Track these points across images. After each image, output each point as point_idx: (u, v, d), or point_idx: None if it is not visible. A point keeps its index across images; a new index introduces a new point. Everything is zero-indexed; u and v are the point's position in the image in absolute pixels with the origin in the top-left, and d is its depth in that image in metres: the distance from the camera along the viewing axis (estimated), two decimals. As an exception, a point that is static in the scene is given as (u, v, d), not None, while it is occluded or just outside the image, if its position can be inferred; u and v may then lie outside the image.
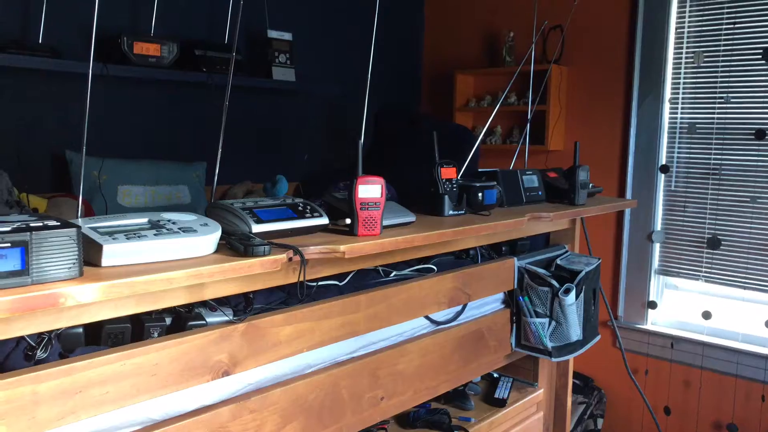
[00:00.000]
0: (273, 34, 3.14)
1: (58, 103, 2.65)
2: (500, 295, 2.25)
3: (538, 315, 2.23)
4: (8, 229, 0.88)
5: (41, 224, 0.92)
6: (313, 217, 1.39)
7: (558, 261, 2.34)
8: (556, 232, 2.54)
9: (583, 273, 2.20)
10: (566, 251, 2.48)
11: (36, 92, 2.61)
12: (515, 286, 2.22)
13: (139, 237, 1.07)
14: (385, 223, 1.47)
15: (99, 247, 1.01)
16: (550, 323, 2.23)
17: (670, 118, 3.27)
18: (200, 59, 2.84)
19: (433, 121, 2.96)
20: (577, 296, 2.19)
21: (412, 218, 1.63)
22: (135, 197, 2.62)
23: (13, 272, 0.88)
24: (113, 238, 1.04)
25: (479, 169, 2.18)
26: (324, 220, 1.42)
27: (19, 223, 0.92)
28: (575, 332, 2.24)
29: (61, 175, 2.66)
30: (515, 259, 2.21)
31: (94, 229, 1.06)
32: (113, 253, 1.03)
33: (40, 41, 2.49)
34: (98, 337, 1.27)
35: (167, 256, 1.10)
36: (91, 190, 2.55)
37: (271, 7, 3.24)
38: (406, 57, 4.22)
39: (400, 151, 2.61)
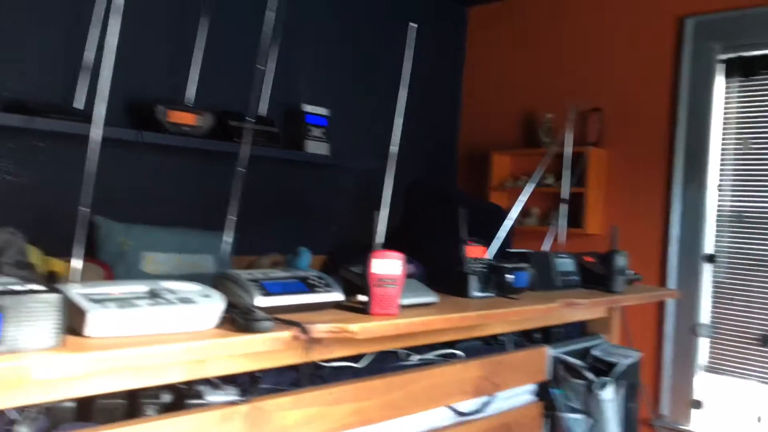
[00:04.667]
0: (307, 108, 3.16)
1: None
2: (531, 387, 2.09)
3: (572, 410, 2.06)
4: (-13, 291, 0.82)
5: (25, 289, 0.86)
6: (325, 291, 1.30)
7: (594, 352, 2.19)
8: (593, 320, 2.39)
9: (621, 366, 2.04)
10: (603, 341, 2.32)
11: (68, 156, 2.64)
12: (548, 378, 2.06)
13: (131, 306, 0.99)
14: (404, 302, 1.37)
15: (83, 315, 0.94)
16: (586, 421, 2.06)
17: (718, 205, 3.13)
18: (234, 130, 2.85)
19: (466, 198, 2.89)
20: (615, 392, 2.03)
21: (433, 298, 1.53)
22: (159, 265, 2.58)
23: (-15, 339, 0.81)
24: (102, 306, 0.97)
25: (508, 250, 2.08)
26: (337, 296, 1.33)
27: (1, 287, 0.85)
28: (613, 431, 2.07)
29: (90, 239, 2.65)
30: (548, 347, 2.06)
31: (86, 295, 0.99)
32: (99, 322, 0.95)
33: (75, 106, 2.54)
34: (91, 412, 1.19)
35: (163, 328, 1.02)
36: (115, 256, 2.52)
37: (309, 82, 3.28)
38: (442, 134, 4.21)
39: (432, 228, 2.53)
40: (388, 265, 1.30)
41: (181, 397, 1.28)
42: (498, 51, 4.10)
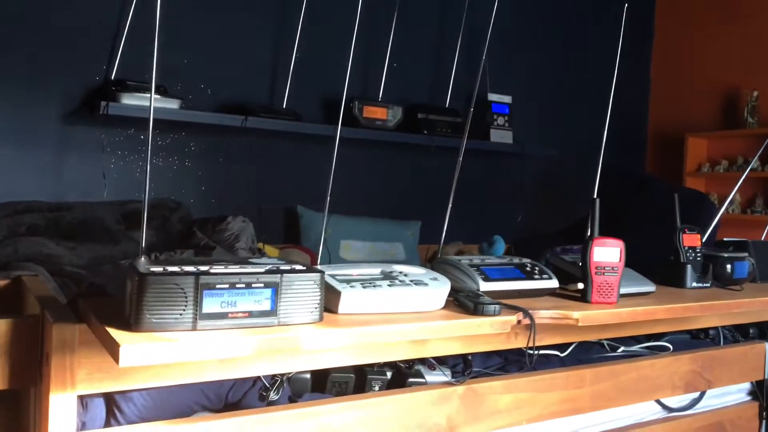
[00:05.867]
0: (493, 97, 3.17)
1: (294, 162, 2.90)
2: (746, 385, 1.94)
3: (793, 414, 1.89)
4: (262, 270, 0.93)
5: (289, 268, 0.96)
6: (542, 279, 1.31)
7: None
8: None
9: None
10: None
11: (277, 152, 2.89)
12: (766, 377, 1.90)
13: (374, 286, 1.08)
14: (621, 291, 1.34)
15: (337, 294, 1.04)
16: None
17: None
18: (422, 122, 2.94)
19: (663, 184, 2.73)
20: None
21: (651, 288, 1.48)
22: (355, 251, 2.74)
23: (264, 312, 0.92)
24: (350, 286, 1.06)
25: (725, 239, 1.94)
26: (554, 283, 1.33)
27: (270, 266, 0.97)
28: None
29: (292, 227, 2.88)
30: (767, 344, 1.90)
31: (333, 276, 1.09)
32: (350, 301, 1.05)
33: (284, 106, 2.76)
34: (322, 385, 1.30)
35: (399, 308, 1.10)
36: (317, 243, 2.72)
37: (492, 71, 3.28)
38: (629, 118, 4.01)
39: (627, 215, 2.43)
40: (608, 253, 1.28)
41: (402, 375, 1.36)
42: (691, 22, 3.81)
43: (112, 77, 2.49)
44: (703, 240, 2.07)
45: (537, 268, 1.36)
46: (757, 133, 3.34)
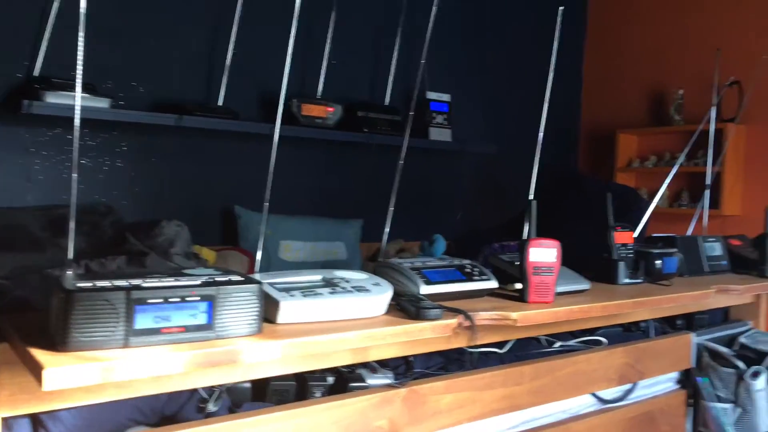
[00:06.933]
0: (432, 95, 3.19)
1: (231, 162, 2.84)
2: (674, 375, 2.03)
3: (720, 400, 1.99)
4: (198, 282, 0.90)
5: (226, 279, 0.94)
6: (481, 279, 1.33)
7: (741, 339, 2.08)
8: (738, 306, 2.27)
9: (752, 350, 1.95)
10: (750, 328, 2.21)
11: (213, 151, 2.82)
12: (693, 365, 1.99)
13: (315, 295, 1.06)
14: (558, 289, 1.37)
15: (276, 304, 1.02)
16: (734, 410, 1.97)
17: None
18: (362, 120, 2.93)
19: (596, 182, 2.81)
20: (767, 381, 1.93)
21: (586, 285, 1.52)
22: (295, 252, 2.70)
23: (200, 326, 0.89)
24: (290, 295, 1.04)
25: (654, 234, 2.01)
26: (493, 284, 1.35)
27: (206, 277, 0.94)
28: (765, 422, 1.97)
29: (230, 228, 2.82)
30: (693, 335, 1.99)
31: (272, 284, 1.07)
32: (289, 311, 1.03)
33: (220, 104, 2.69)
34: (263, 394, 1.28)
35: (340, 315, 1.09)
36: (255, 244, 2.67)
37: (432, 69, 3.30)
38: (563, 114, 4.11)
39: (561, 212, 2.49)
40: (544, 254, 1.30)
41: (344, 380, 1.35)
42: (623, 19, 3.94)
43: (36, 74, 2.38)
44: (635, 234, 2.15)
45: (477, 269, 1.37)
46: (683, 130, 3.48)
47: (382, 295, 1.13)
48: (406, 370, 1.46)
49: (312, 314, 1.05)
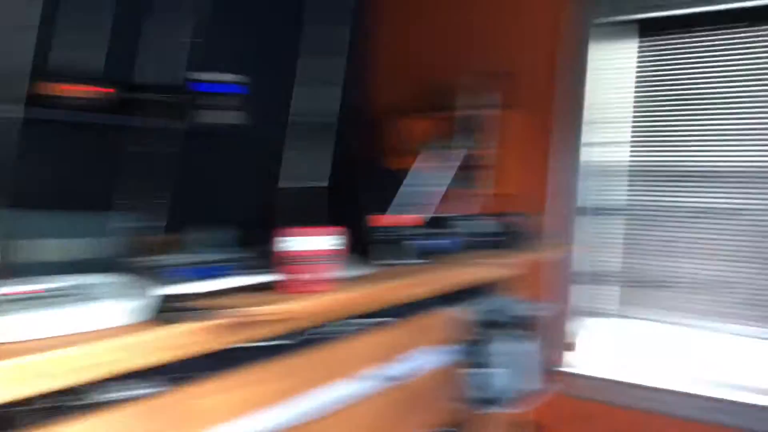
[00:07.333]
0: (202, 76, 3.03)
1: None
2: (440, 348, 2.16)
3: (479, 366, 2.17)
4: None
5: None
6: (251, 273, 1.27)
7: (493, 308, 2.29)
8: (503, 279, 2.48)
9: (521, 318, 2.17)
10: (508, 298, 2.43)
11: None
12: (454, 337, 2.14)
13: (29, 308, 0.92)
14: (340, 275, 1.36)
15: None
16: (486, 374, 2.17)
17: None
18: (128, 102, 2.70)
19: (376, 166, 2.89)
20: (516, 343, 2.15)
21: (369, 270, 1.53)
22: (43, 252, 2.41)
23: None
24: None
25: (434, 215, 2.12)
26: (264, 277, 1.30)
27: None
28: (516, 382, 2.20)
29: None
30: (460, 308, 2.14)
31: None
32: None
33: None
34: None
35: (65, 330, 0.95)
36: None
37: (210, 49, 3.14)
38: (350, 100, 4.17)
39: (349, 198, 2.52)
40: (314, 242, 1.28)
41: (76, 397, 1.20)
42: (404, 18, 4.14)
43: None
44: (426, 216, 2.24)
45: (245, 262, 1.31)
46: (453, 116, 3.73)
47: (117, 302, 1.02)
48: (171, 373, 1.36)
49: (29, 331, 0.91)
